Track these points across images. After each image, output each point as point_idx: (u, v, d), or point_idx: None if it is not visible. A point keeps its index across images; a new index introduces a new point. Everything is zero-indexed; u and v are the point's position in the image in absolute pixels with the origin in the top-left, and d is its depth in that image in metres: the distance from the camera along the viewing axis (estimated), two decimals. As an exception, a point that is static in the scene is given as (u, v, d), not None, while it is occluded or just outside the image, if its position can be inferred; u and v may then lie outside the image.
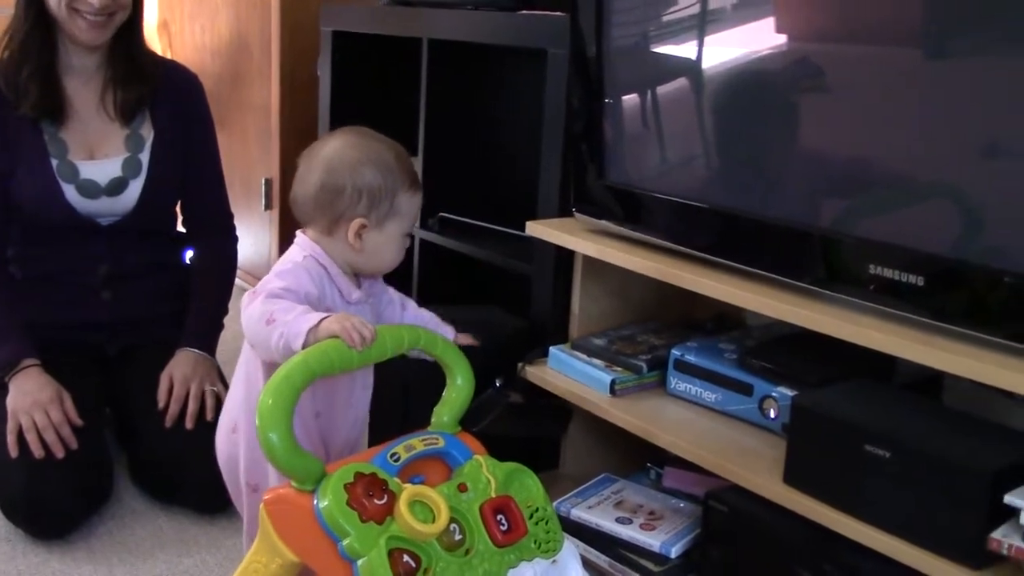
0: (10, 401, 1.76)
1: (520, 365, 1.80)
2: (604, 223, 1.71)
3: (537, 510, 1.26)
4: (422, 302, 2.25)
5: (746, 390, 1.56)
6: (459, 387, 1.34)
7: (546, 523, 1.25)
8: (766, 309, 1.41)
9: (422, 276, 2.33)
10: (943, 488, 1.19)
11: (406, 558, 1.11)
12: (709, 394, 1.61)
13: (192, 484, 1.78)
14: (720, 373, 1.59)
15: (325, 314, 1.23)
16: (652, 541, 1.56)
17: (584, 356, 1.74)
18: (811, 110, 1.44)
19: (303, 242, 1.35)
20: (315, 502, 1.13)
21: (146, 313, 2.02)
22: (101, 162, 1.92)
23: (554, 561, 1.24)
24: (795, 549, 1.37)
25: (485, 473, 1.24)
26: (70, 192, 1.89)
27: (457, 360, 1.34)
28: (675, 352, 1.66)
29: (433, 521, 1.14)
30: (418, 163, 2.26)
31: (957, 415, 1.38)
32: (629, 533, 1.58)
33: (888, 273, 1.30)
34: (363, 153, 1.33)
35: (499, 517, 1.21)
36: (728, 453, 1.47)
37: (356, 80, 2.55)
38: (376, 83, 2.56)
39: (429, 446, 1.26)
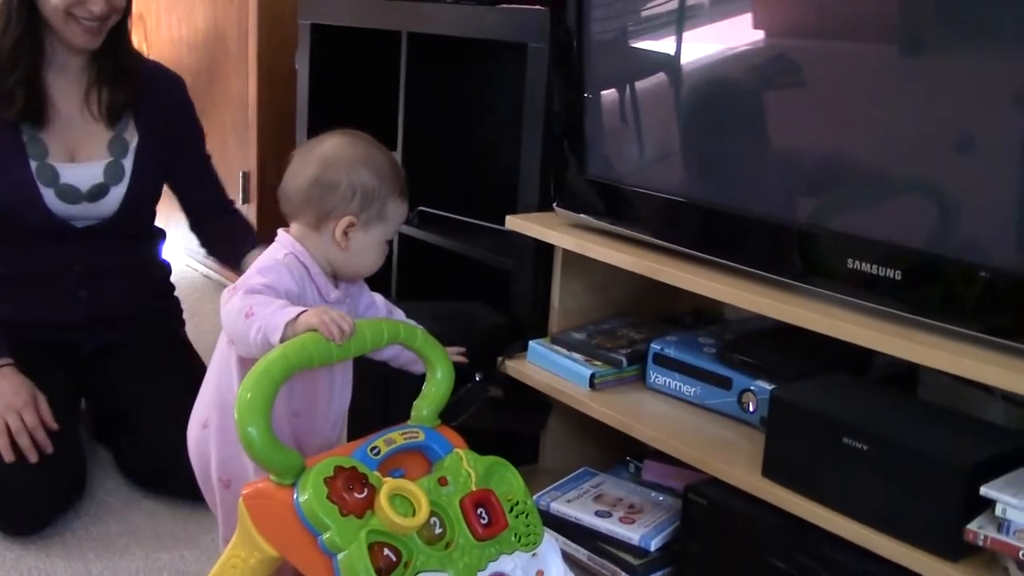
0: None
1: (500, 359, 1.80)
2: (584, 217, 1.72)
3: (517, 503, 1.26)
4: (401, 297, 2.28)
5: (725, 384, 1.56)
6: (438, 381, 1.34)
7: (526, 516, 1.25)
8: (745, 303, 1.42)
9: (401, 270, 2.32)
10: (920, 480, 1.20)
11: (386, 552, 1.11)
12: (688, 388, 1.61)
13: (188, 472, 1.74)
14: (699, 367, 1.60)
15: (303, 308, 1.22)
16: (632, 534, 1.56)
17: (564, 350, 1.74)
18: (789, 106, 1.45)
19: (284, 240, 1.35)
20: (295, 496, 1.13)
21: (124, 311, 1.99)
22: (83, 165, 1.88)
23: (534, 554, 1.24)
24: (773, 541, 1.38)
25: (465, 467, 1.24)
26: (48, 196, 1.85)
27: (437, 354, 1.34)
28: (654, 346, 1.66)
29: (413, 515, 1.14)
30: (397, 157, 2.26)
31: (933, 408, 1.39)
32: (608, 527, 1.59)
33: (866, 267, 1.31)
34: (361, 154, 1.34)
35: (479, 511, 1.22)
36: (707, 446, 1.48)
37: (334, 73, 2.54)
38: (355, 76, 2.55)
39: (409, 440, 1.25)
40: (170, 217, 2.14)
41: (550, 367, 1.74)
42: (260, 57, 2.83)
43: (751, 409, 1.53)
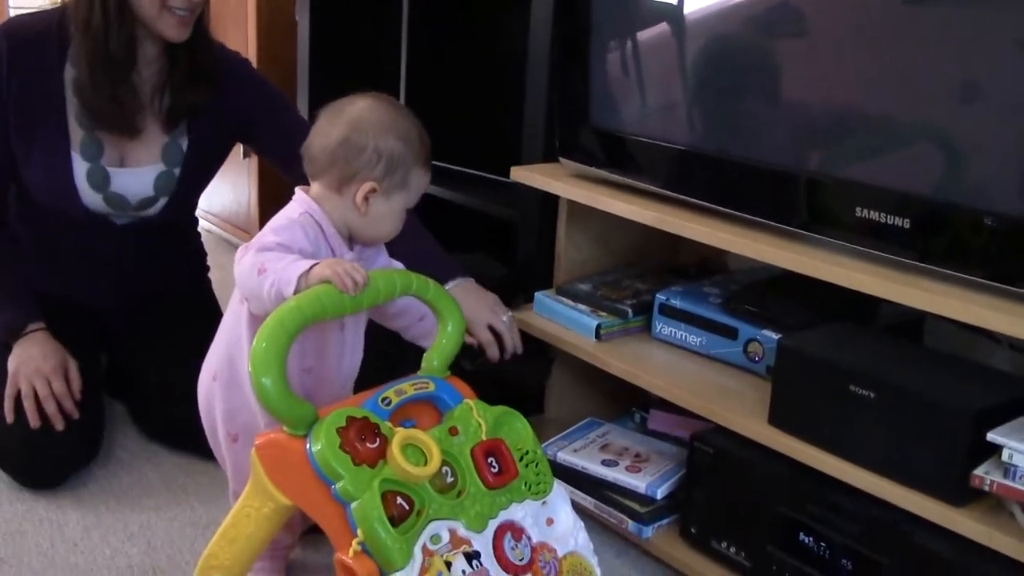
0: (12, 364, 1.70)
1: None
2: (589, 168, 1.71)
3: (527, 453, 1.27)
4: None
5: (731, 333, 1.57)
6: (449, 333, 1.34)
7: (536, 465, 1.26)
8: (752, 252, 1.42)
9: (405, 223, 2.32)
10: (926, 427, 1.21)
11: (399, 500, 1.12)
12: (694, 338, 1.62)
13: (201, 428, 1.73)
14: (705, 317, 1.60)
15: (315, 260, 1.22)
16: (638, 483, 1.57)
17: (569, 301, 1.75)
18: (796, 54, 1.43)
19: (301, 199, 1.34)
20: (307, 446, 1.13)
21: (159, 289, 1.97)
22: (134, 171, 1.79)
23: (544, 503, 1.26)
24: (780, 489, 1.39)
25: (475, 417, 1.25)
26: (95, 201, 1.78)
27: (448, 306, 1.35)
28: (660, 296, 1.66)
29: (425, 464, 1.15)
30: (400, 109, 2.25)
31: (939, 356, 1.40)
32: (615, 475, 1.60)
33: (874, 215, 1.31)
34: (390, 119, 1.33)
35: (490, 460, 1.23)
36: (713, 395, 1.49)
37: (335, 25, 2.52)
38: (356, 28, 2.53)
39: (420, 390, 1.26)
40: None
41: (556, 318, 1.75)
42: (259, 9, 2.80)
43: (757, 358, 1.53)
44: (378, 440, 1.15)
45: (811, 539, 1.35)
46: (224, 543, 1.25)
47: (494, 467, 1.22)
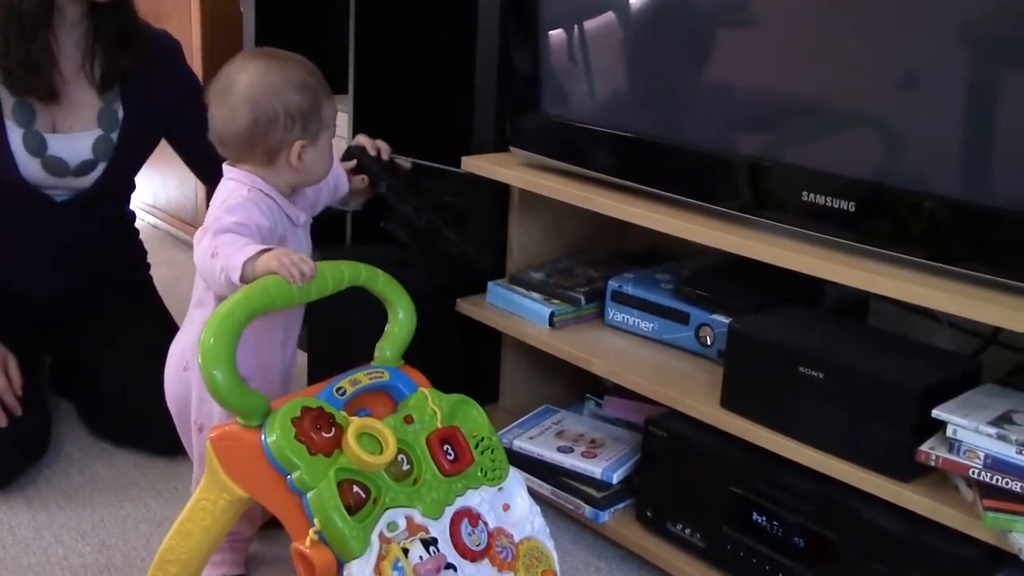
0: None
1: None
2: (539, 157, 1.72)
3: (482, 440, 1.28)
4: (357, 242, 2.26)
5: (682, 318, 1.59)
6: (401, 321, 1.35)
7: (491, 452, 1.28)
8: (700, 237, 1.43)
9: (355, 216, 2.30)
10: (874, 405, 1.24)
11: (356, 488, 1.13)
12: (646, 324, 1.64)
13: (161, 425, 1.70)
14: (656, 303, 1.62)
15: (264, 247, 1.22)
16: (594, 468, 1.59)
17: (522, 290, 1.76)
18: (739, 40, 1.45)
19: (240, 176, 1.34)
20: (262, 437, 1.13)
21: (99, 274, 1.95)
22: (71, 136, 1.78)
23: (500, 488, 1.27)
24: (732, 470, 1.41)
25: (431, 405, 1.26)
26: (33, 167, 1.76)
27: (398, 295, 1.35)
28: (612, 283, 1.68)
29: (381, 452, 1.15)
30: (348, 102, 2.24)
31: (885, 336, 1.43)
32: (571, 461, 1.61)
33: (819, 199, 1.33)
34: (281, 76, 1.32)
35: (446, 447, 1.24)
36: (666, 380, 1.51)
37: (281, 16, 2.49)
38: (302, 18, 2.51)
39: (375, 380, 1.27)
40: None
41: (509, 307, 1.76)
42: (203, 0, 2.76)
43: (708, 343, 1.55)
44: (333, 429, 1.16)
45: (764, 518, 1.38)
46: (180, 537, 1.25)
47: (450, 454, 1.23)
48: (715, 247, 1.42)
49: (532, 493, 1.64)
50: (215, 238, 1.25)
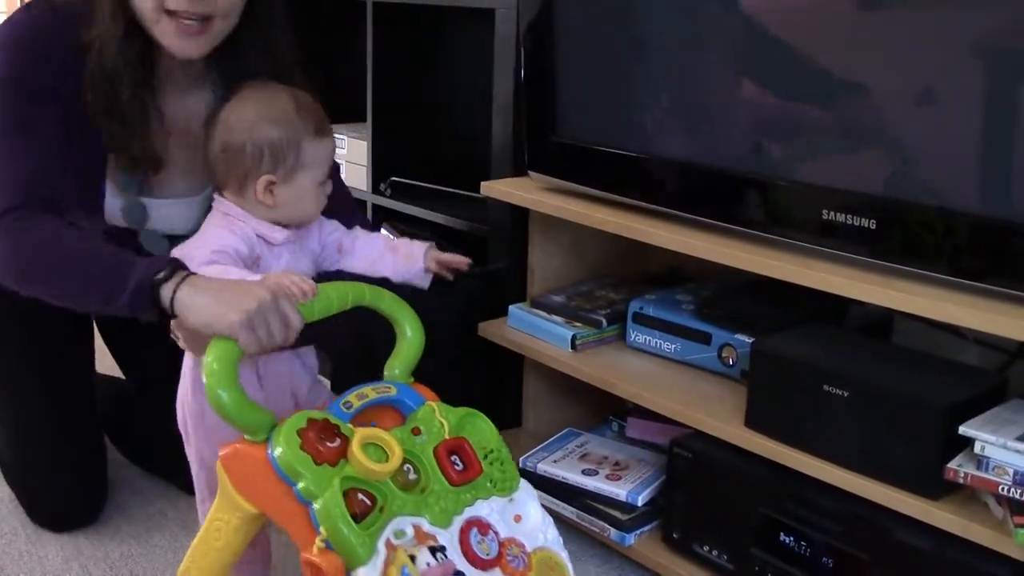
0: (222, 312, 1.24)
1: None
2: (558, 181, 1.72)
3: (491, 451, 1.29)
4: (377, 267, 2.26)
5: (704, 339, 1.59)
6: (408, 339, 1.37)
7: (501, 463, 1.28)
8: (720, 258, 1.43)
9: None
10: (900, 423, 1.23)
11: (361, 497, 1.14)
12: (668, 345, 1.64)
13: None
14: (678, 324, 1.62)
15: (260, 276, 1.25)
16: (619, 491, 1.59)
17: (544, 313, 1.76)
18: (757, 59, 1.46)
19: (219, 202, 1.36)
20: (269, 451, 1.15)
21: None
22: (177, 203, 1.54)
23: (511, 500, 1.27)
24: (758, 490, 1.41)
25: (438, 417, 1.27)
26: (122, 223, 1.54)
27: (404, 313, 1.37)
28: (633, 305, 1.68)
29: (387, 461, 1.17)
30: (367, 128, 2.26)
31: (910, 353, 1.42)
32: (596, 484, 1.61)
33: (839, 217, 1.33)
34: (260, 108, 1.32)
35: (453, 457, 1.24)
36: (690, 401, 1.51)
37: (299, 45, 2.51)
38: (321, 47, 2.53)
39: (382, 394, 1.28)
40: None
41: (531, 330, 1.76)
42: (222, 32, 2.79)
43: (731, 362, 1.55)
44: (339, 440, 1.17)
45: (792, 539, 1.37)
46: (197, 557, 1.26)
47: (458, 465, 1.24)
48: (736, 267, 1.42)
49: (557, 517, 1.65)
50: (203, 271, 1.25)
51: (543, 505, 1.30)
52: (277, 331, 1.19)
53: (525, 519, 1.26)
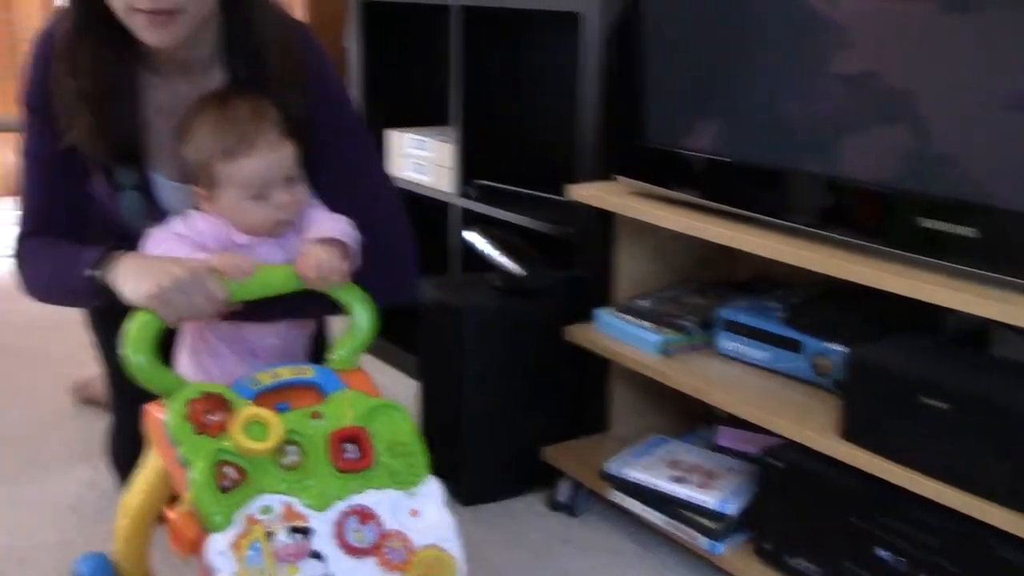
0: (142, 279, 1.32)
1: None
2: (645, 185, 1.72)
3: (401, 444, 1.30)
4: (464, 271, 2.29)
5: (796, 347, 1.57)
6: (358, 325, 1.39)
7: (407, 458, 1.29)
8: (815, 265, 1.41)
9: (463, 244, 2.34)
10: (1002, 436, 1.21)
11: (227, 469, 1.20)
12: (759, 352, 1.62)
13: None
14: (769, 331, 1.61)
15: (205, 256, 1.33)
16: (709, 499, 1.58)
17: (631, 318, 1.76)
18: (853, 63, 1.43)
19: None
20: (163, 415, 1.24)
21: None
22: (179, 187, 1.50)
23: (411, 494, 1.28)
24: (853, 502, 1.39)
25: (345, 405, 1.30)
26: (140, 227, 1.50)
27: (358, 299, 1.39)
28: (724, 312, 1.67)
29: (266, 440, 1.22)
30: (453, 132, 2.27)
31: (1012, 364, 1.39)
32: (686, 492, 1.60)
33: (939, 226, 1.30)
34: (187, 125, 1.38)
35: (348, 445, 1.27)
36: (782, 410, 1.49)
37: (386, 50, 2.55)
38: (407, 52, 2.56)
39: (298, 375, 1.32)
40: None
41: (618, 335, 1.76)
42: (309, 37, 2.84)
43: (824, 372, 1.53)
44: (223, 414, 1.23)
45: (888, 553, 1.35)
46: (130, 496, 1.40)
47: (350, 453, 1.26)
48: (831, 275, 1.40)
49: (645, 523, 1.65)
50: (154, 251, 1.37)
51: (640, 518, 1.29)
52: (201, 303, 1.28)
53: (422, 515, 1.28)
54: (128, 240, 1.47)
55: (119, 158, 1.47)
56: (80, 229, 1.48)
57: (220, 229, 1.38)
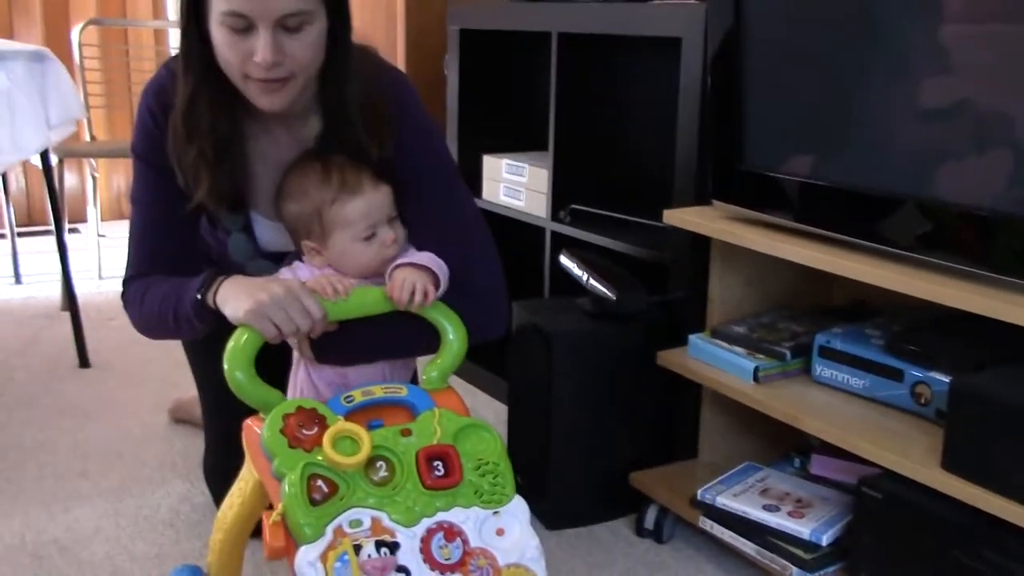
0: (246, 298, 1.36)
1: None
2: (742, 210, 1.70)
3: (487, 464, 1.30)
4: (554, 294, 2.30)
5: (896, 375, 1.53)
6: (450, 346, 1.41)
7: (494, 477, 1.29)
8: (921, 292, 1.38)
9: (555, 268, 2.35)
10: (1118, 472, 1.16)
11: (319, 483, 1.22)
12: (856, 380, 1.59)
13: None
14: (868, 359, 1.57)
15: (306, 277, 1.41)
16: (802, 528, 1.54)
17: (725, 344, 1.74)
18: (958, 85, 1.40)
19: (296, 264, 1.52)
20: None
21: None
22: (278, 227, 1.57)
23: (497, 513, 1.27)
24: (955, 536, 1.34)
25: (434, 423, 1.31)
26: (244, 265, 1.63)
27: (450, 320, 1.41)
28: (820, 338, 1.64)
29: (356, 455, 1.23)
30: (548, 157, 2.29)
31: (1126, 398, 1.33)
32: (778, 520, 1.57)
33: (1049, 253, 1.27)
34: (287, 188, 1.48)
35: (435, 463, 1.27)
36: (880, 439, 1.45)
37: (484, 77, 2.58)
38: (504, 79, 2.59)
39: (390, 394, 1.34)
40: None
41: (711, 360, 1.74)
42: (408, 64, 2.90)
43: (925, 401, 1.49)
44: (318, 428, 1.26)
45: (991, 589, 1.30)
46: (224, 509, 1.43)
47: (438, 470, 1.27)
48: (931, 301, 1.37)
49: (736, 552, 1.62)
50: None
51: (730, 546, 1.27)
52: (297, 318, 1.32)
53: (507, 534, 1.27)
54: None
55: (231, 207, 1.57)
56: (185, 271, 1.52)
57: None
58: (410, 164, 1.54)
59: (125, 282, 1.57)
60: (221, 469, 1.78)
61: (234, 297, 1.36)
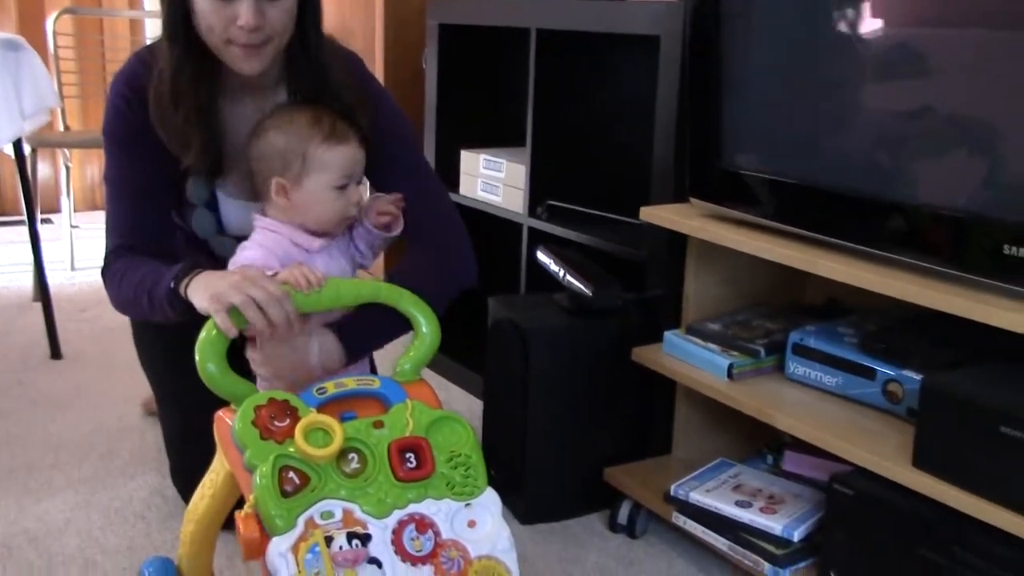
0: (208, 288, 1.40)
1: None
2: (719, 208, 1.71)
3: (460, 456, 1.30)
4: (530, 290, 2.30)
5: (868, 374, 1.54)
6: (423, 338, 1.41)
7: (466, 469, 1.29)
8: (894, 291, 1.39)
9: (531, 264, 2.35)
10: (1085, 470, 1.17)
11: (291, 475, 1.21)
12: (829, 378, 1.60)
13: None
14: (841, 357, 1.58)
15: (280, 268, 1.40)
16: (774, 524, 1.56)
17: (700, 340, 1.74)
18: (932, 87, 1.42)
19: (256, 219, 1.50)
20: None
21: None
22: (245, 207, 1.62)
23: (468, 505, 1.28)
24: (925, 533, 1.36)
25: (407, 416, 1.30)
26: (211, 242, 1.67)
27: (422, 312, 1.42)
28: (794, 336, 1.65)
29: (328, 446, 1.23)
30: (525, 153, 2.29)
31: (1094, 398, 1.35)
32: (750, 516, 1.58)
33: (1018, 252, 1.28)
34: (274, 121, 1.48)
35: (408, 455, 1.27)
36: (852, 436, 1.47)
37: (462, 72, 2.58)
38: (482, 74, 2.59)
39: (362, 386, 1.34)
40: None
41: (686, 357, 1.75)
42: (387, 58, 2.89)
43: (897, 399, 1.50)
44: (289, 420, 1.25)
45: (960, 585, 1.31)
46: (196, 500, 1.43)
47: (410, 462, 1.27)
48: (905, 301, 1.38)
49: (709, 548, 1.63)
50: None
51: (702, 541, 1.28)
52: (274, 315, 1.32)
53: (479, 526, 1.27)
54: (211, 256, 1.63)
55: (213, 171, 1.60)
56: (161, 246, 1.58)
57: (283, 245, 1.46)
58: (380, 129, 1.61)
59: (107, 255, 1.58)
60: (185, 468, 1.77)
61: (203, 289, 1.37)
